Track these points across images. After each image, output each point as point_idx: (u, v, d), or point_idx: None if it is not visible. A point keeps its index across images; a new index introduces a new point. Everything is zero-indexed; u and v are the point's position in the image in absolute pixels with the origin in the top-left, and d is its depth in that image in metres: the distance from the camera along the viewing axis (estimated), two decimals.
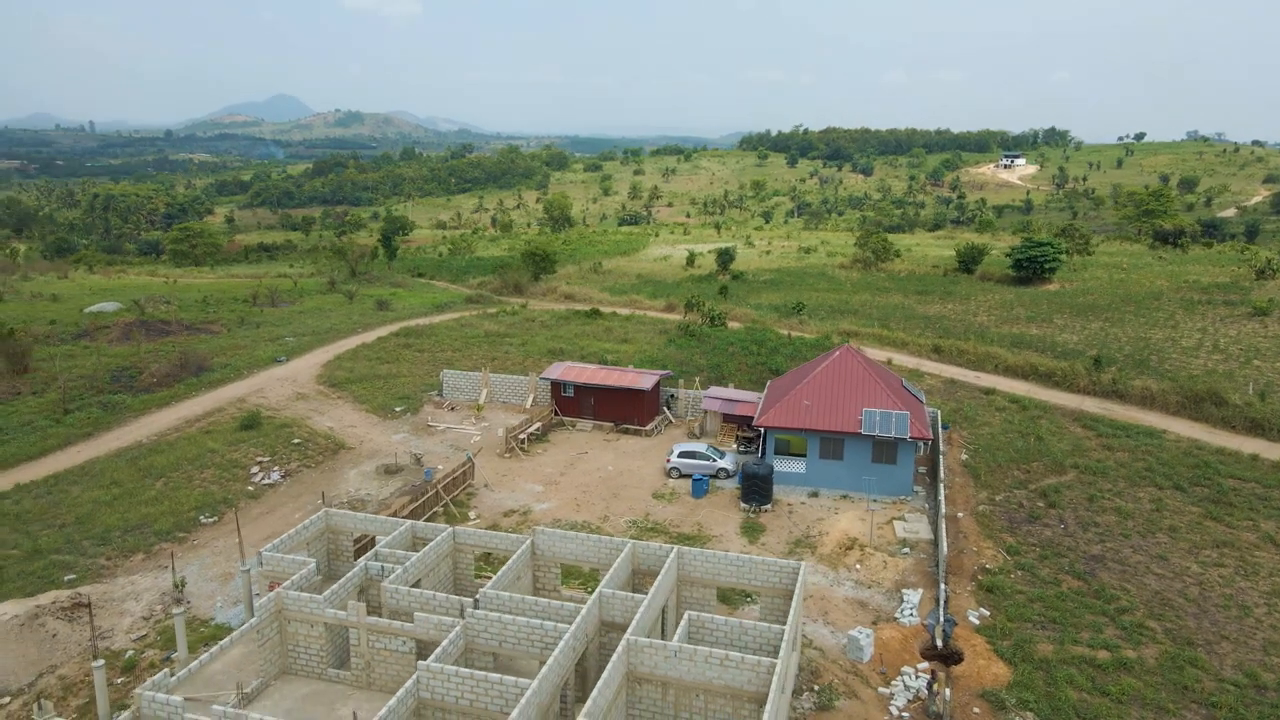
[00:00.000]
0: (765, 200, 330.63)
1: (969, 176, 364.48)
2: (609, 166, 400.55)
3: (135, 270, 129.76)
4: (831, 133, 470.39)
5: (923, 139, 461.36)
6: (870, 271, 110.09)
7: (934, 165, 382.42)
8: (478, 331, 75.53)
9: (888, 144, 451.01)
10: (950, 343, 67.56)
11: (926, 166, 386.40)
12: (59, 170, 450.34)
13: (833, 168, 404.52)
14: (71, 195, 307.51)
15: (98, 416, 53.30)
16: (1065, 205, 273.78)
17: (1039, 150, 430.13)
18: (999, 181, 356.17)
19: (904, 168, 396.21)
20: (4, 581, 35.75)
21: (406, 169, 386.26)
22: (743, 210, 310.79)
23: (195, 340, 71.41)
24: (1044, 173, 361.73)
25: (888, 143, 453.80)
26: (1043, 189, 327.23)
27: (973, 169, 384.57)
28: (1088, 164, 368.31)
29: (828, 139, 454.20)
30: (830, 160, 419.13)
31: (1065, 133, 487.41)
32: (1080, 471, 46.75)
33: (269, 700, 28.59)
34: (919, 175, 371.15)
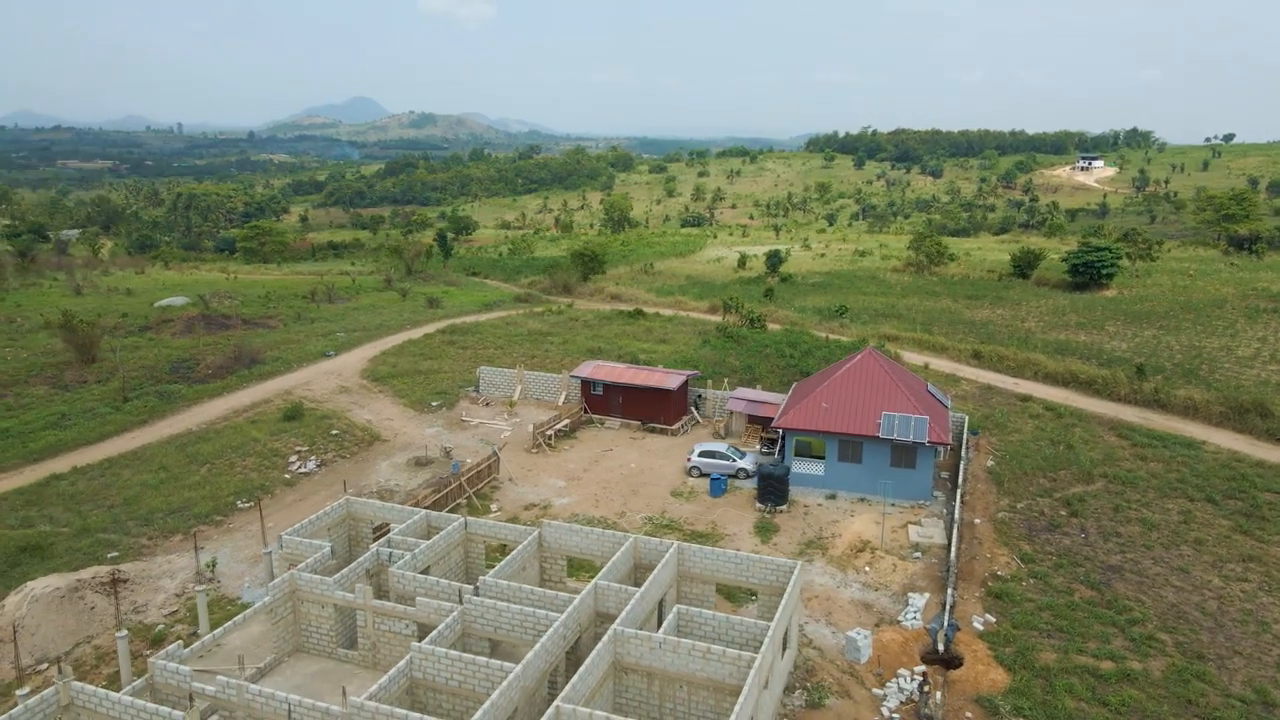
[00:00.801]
0: (830, 203, 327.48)
1: (1043, 179, 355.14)
2: (674, 168, 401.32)
3: (207, 267, 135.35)
4: (901, 134, 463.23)
5: (996, 140, 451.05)
6: (923, 275, 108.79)
7: (1006, 167, 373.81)
8: (521, 330, 77.13)
9: (959, 146, 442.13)
10: (991, 348, 66.70)
11: (999, 169, 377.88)
12: (148, 170, 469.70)
13: (901, 170, 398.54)
14: (157, 194, 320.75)
15: (154, 405, 56.21)
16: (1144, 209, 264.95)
17: (1119, 152, 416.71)
18: (1075, 184, 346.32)
19: (975, 170, 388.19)
20: (53, 557, 38.22)
21: (474, 169, 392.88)
22: (806, 213, 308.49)
23: (252, 334, 74.49)
24: (1123, 175, 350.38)
25: (959, 144, 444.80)
26: (1121, 192, 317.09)
27: (1047, 171, 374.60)
28: (1170, 166, 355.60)
29: (896, 140, 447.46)
30: (899, 162, 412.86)
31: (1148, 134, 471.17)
32: (1109, 481, 45.94)
33: (280, 676, 30.18)
34: (990, 177, 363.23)
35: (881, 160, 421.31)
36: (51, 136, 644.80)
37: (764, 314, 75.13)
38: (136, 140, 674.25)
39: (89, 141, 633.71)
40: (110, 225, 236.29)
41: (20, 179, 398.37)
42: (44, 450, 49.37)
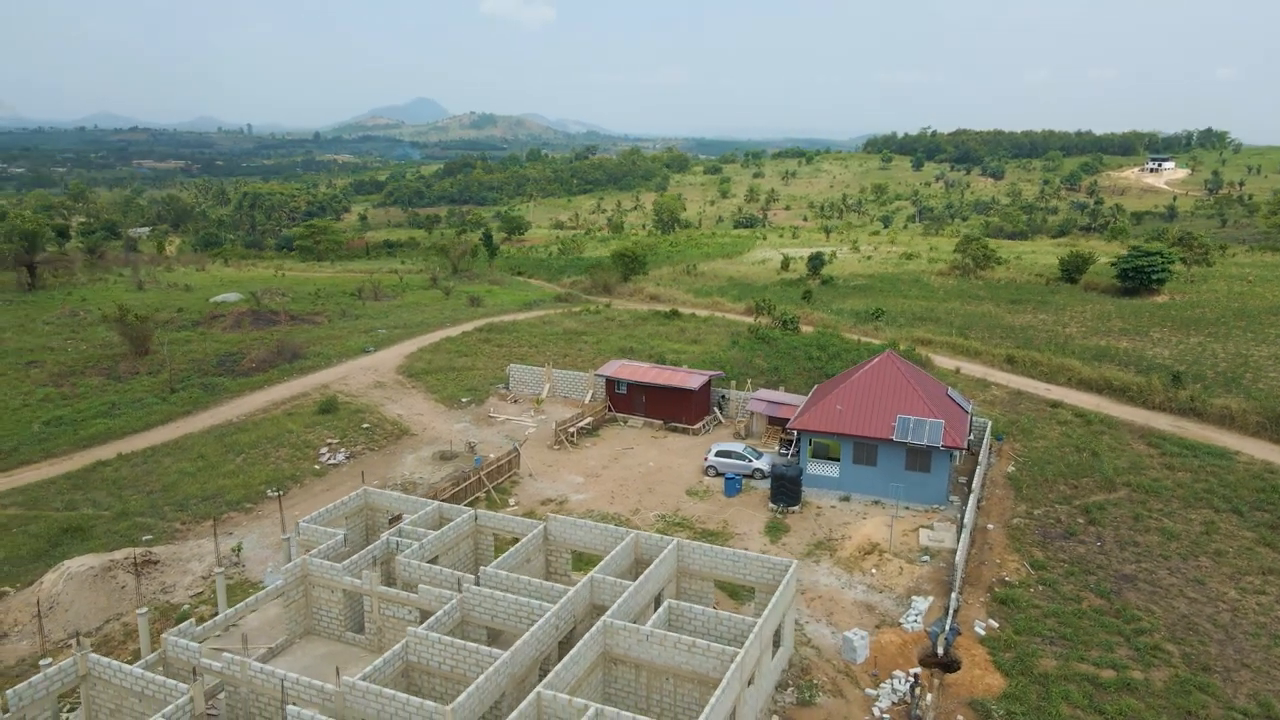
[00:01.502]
0: (886, 205, 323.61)
1: (1109, 181, 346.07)
2: (729, 169, 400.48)
3: (264, 264, 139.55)
4: (961, 135, 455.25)
5: (1060, 141, 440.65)
6: (968, 279, 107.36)
7: (1071, 169, 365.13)
8: (557, 329, 78.33)
9: (1021, 146, 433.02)
10: (1025, 353, 65.86)
11: (1063, 170, 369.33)
12: (218, 170, 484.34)
13: (960, 171, 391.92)
14: (224, 193, 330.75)
15: (198, 396, 58.60)
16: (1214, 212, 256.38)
17: (1191, 153, 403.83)
18: (1143, 186, 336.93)
19: (1038, 172, 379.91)
20: (92, 538, 40.35)
21: (530, 170, 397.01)
22: (861, 214, 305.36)
23: (298, 330, 76.95)
24: (1195, 177, 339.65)
25: (1022, 145, 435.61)
26: (1192, 194, 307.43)
27: (1114, 173, 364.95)
28: (1246, 168, 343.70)
29: (956, 141, 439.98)
30: (958, 164, 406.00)
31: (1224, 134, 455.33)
32: (1132, 489, 45.25)
33: (290, 656, 31.59)
34: (1053, 179, 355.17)
35: (941, 161, 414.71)
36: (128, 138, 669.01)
37: (798, 316, 75.10)
38: (208, 141, 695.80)
39: (164, 142, 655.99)
40: (179, 223, 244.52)
41: (98, 178, 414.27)
42: (93, 437, 51.91)
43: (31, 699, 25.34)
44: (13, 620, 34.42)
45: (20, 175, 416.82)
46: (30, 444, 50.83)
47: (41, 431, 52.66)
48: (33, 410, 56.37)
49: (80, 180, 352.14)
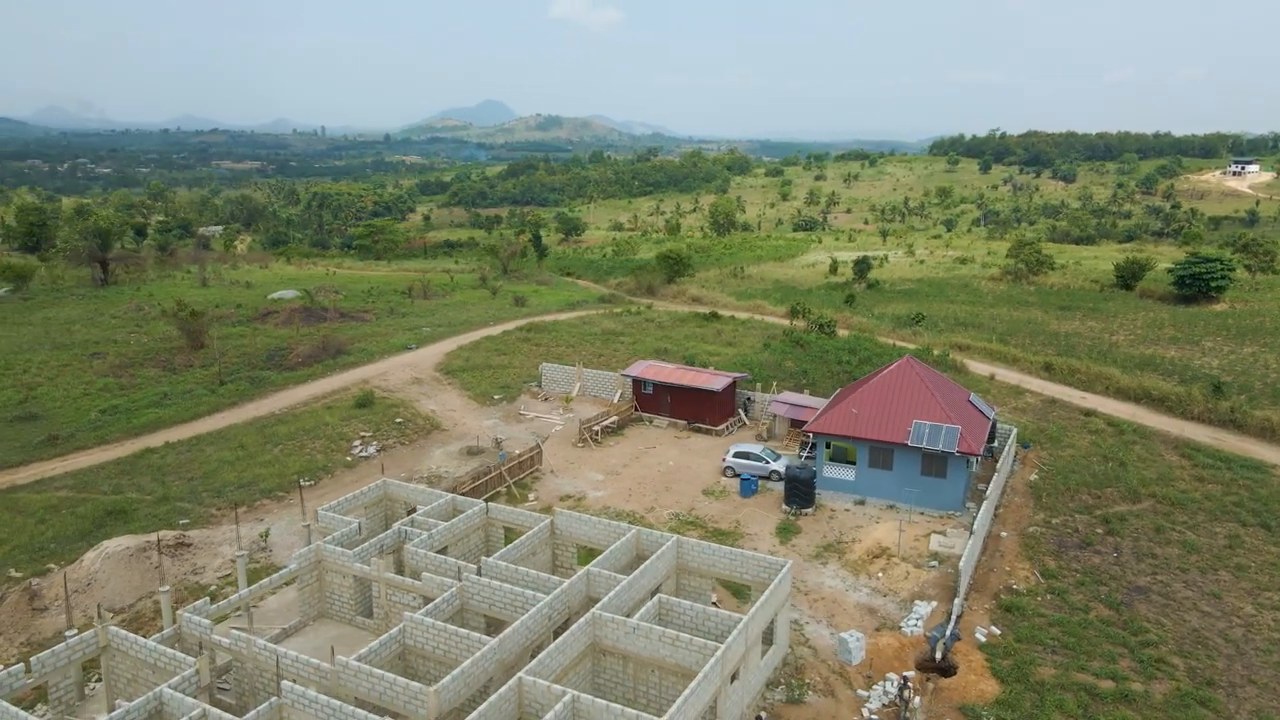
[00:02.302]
0: (950, 208, 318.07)
1: (1188, 184, 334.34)
2: (790, 171, 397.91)
3: (325, 263, 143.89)
4: (1032, 136, 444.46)
5: (1137, 143, 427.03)
6: (1020, 284, 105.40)
7: (1147, 172, 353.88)
8: (596, 329, 79.45)
9: (1095, 149, 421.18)
10: (1063, 361, 64.77)
11: (1138, 173, 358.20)
12: (292, 171, 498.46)
13: (1030, 174, 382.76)
14: (294, 193, 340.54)
15: (244, 389, 61.16)
16: None
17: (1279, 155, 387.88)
18: (1224, 190, 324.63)
19: (1111, 175, 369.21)
20: (134, 520, 42.65)
21: (592, 171, 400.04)
22: (924, 218, 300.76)
23: (346, 327, 79.50)
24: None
25: (1095, 147, 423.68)
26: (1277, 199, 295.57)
27: (1194, 176, 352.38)
28: None
29: (1027, 143, 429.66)
30: (1028, 166, 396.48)
31: None
32: (1158, 501, 44.42)
33: (302, 637, 33.16)
34: (1128, 182, 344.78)
35: (1009, 164, 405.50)
36: (209, 139, 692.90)
37: (835, 320, 74.91)
38: (283, 143, 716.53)
39: (241, 144, 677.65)
40: (250, 222, 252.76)
41: (179, 178, 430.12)
42: (144, 426, 54.64)
43: (54, 666, 27.23)
44: (54, 595, 36.69)
45: (107, 175, 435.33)
46: (86, 430, 53.75)
47: (98, 419, 55.60)
48: (92, 399, 59.50)
49: (161, 180, 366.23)
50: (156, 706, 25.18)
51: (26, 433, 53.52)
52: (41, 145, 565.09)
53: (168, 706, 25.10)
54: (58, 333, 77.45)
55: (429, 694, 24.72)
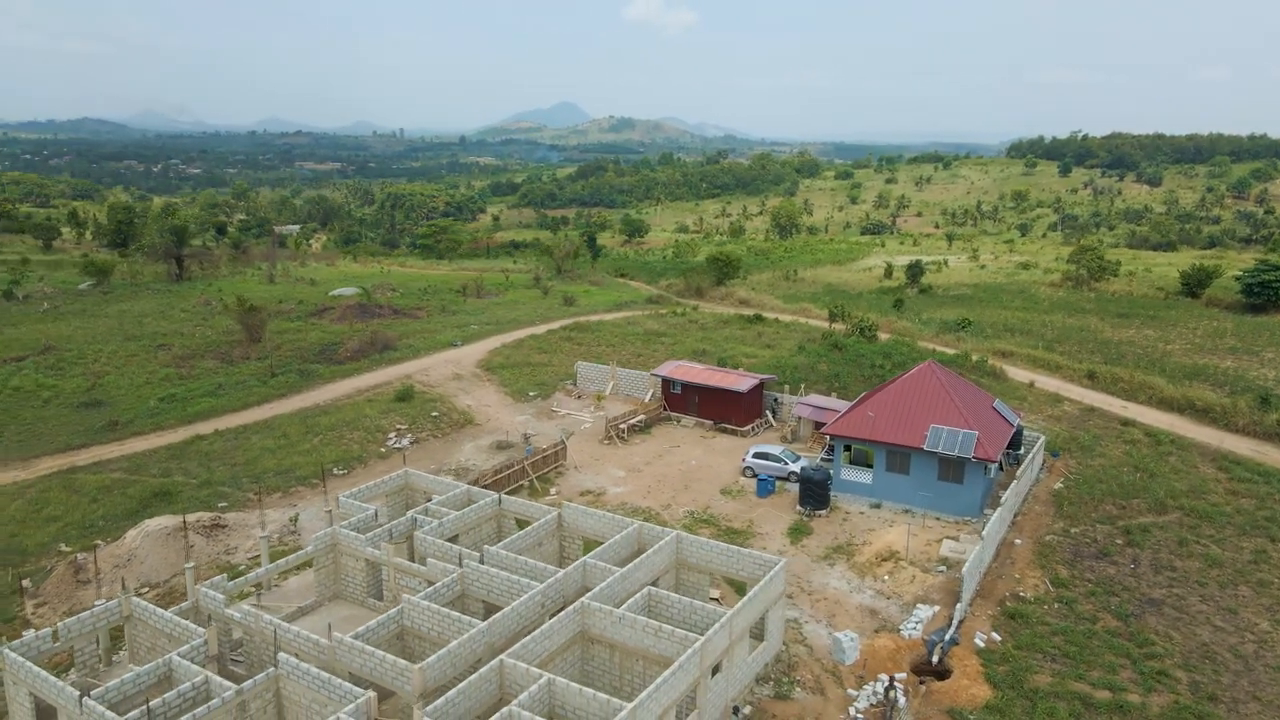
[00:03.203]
0: (1025, 212, 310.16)
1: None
2: (861, 174, 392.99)
3: (388, 261, 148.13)
4: (1116, 138, 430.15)
5: (1230, 145, 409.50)
6: (1080, 290, 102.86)
7: (1240, 175, 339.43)
8: (638, 329, 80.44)
9: (1184, 151, 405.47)
10: (1107, 369, 63.35)
11: (1230, 177, 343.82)
12: (370, 172, 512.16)
13: (1112, 177, 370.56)
14: (369, 194, 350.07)
15: (294, 381, 63.85)
16: None
17: None
18: None
19: (1201, 178, 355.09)
20: (177, 502, 45.18)
21: (660, 173, 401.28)
22: (997, 221, 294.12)
23: (397, 323, 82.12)
24: None
25: (1184, 150, 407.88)
26: None
27: None
28: None
29: (1110, 145, 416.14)
30: (1110, 169, 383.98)
31: None
32: (1185, 513, 43.39)
33: (315, 616, 34.85)
34: (1218, 186, 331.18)
35: (1091, 167, 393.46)
36: (293, 141, 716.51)
37: (877, 324, 74.46)
38: (363, 144, 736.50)
39: (324, 145, 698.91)
40: (326, 221, 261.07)
41: (263, 179, 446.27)
42: (197, 414, 57.56)
43: (79, 632, 29.37)
44: (97, 569, 39.23)
45: (196, 176, 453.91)
46: (144, 417, 56.91)
47: (156, 407, 58.78)
48: (153, 388, 62.87)
49: (245, 181, 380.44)
50: (166, 672, 27.01)
51: (90, 418, 56.91)
52: (138, 147, 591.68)
53: (176, 672, 26.90)
54: (130, 325, 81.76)
55: (414, 671, 26.00)
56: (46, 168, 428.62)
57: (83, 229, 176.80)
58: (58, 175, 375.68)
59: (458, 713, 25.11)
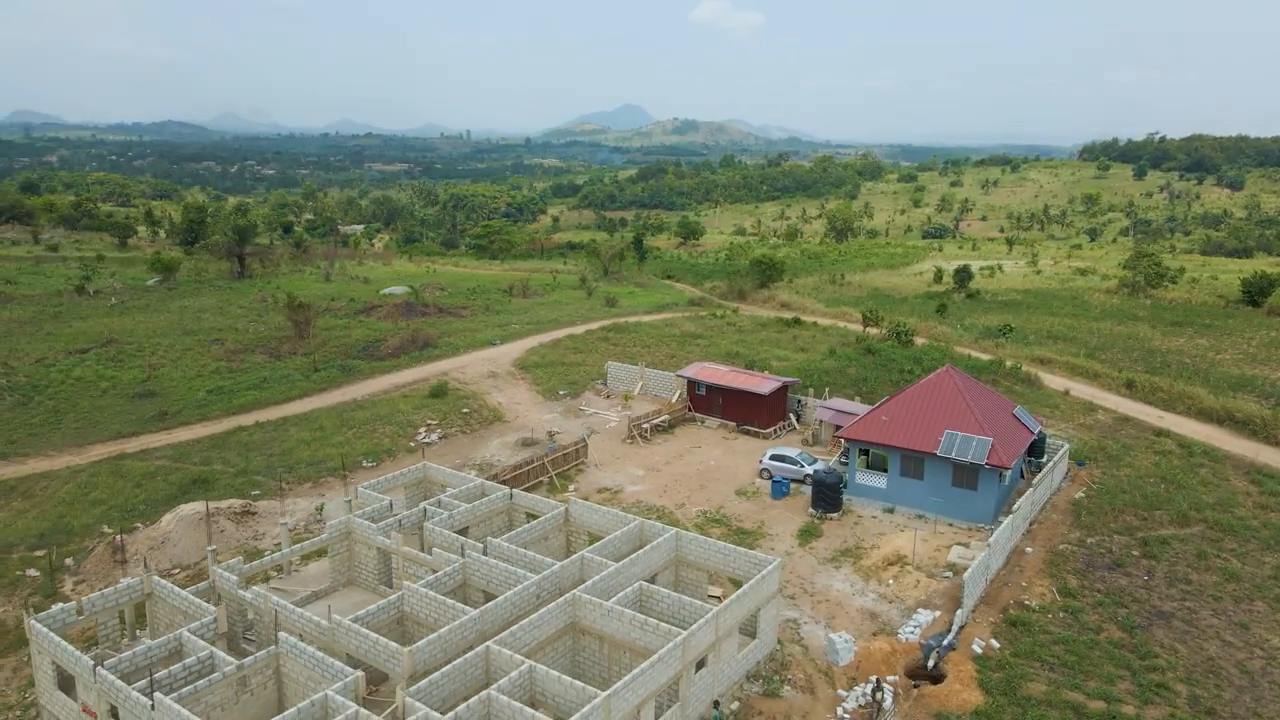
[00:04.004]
0: (1095, 216, 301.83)
1: None
2: (925, 177, 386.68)
3: (444, 261, 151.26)
4: (1196, 140, 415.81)
5: None
6: (1135, 297, 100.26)
7: None
8: (675, 331, 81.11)
9: (1269, 154, 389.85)
10: (1146, 378, 61.94)
11: None
12: (436, 173, 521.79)
13: (1190, 181, 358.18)
14: (433, 194, 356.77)
15: (335, 376, 66.11)
16: None
17: None
18: None
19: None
20: (213, 489, 47.37)
21: (720, 176, 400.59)
22: (1065, 226, 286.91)
23: (441, 321, 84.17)
24: None
25: (1269, 153, 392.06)
26: None
27: None
28: None
29: (1189, 148, 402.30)
30: (1188, 173, 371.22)
31: None
32: (1208, 526, 42.47)
33: (329, 600, 36.30)
34: None
35: (1168, 170, 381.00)
36: (363, 143, 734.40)
37: (914, 328, 73.86)
38: (430, 146, 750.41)
39: (393, 147, 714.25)
40: (390, 221, 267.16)
41: (333, 179, 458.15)
42: (241, 406, 60.07)
43: (102, 607, 31.29)
44: (134, 550, 41.48)
45: (270, 176, 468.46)
46: (192, 408, 59.62)
47: (203, 399, 61.50)
48: (204, 380, 65.72)
49: (315, 181, 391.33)
50: (176, 646, 28.69)
51: (143, 408, 59.84)
52: (216, 148, 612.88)
53: (185, 646, 28.56)
54: (189, 320, 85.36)
55: (404, 654, 27.18)
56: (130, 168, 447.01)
57: (157, 227, 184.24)
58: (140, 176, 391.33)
59: (442, 695, 26.20)
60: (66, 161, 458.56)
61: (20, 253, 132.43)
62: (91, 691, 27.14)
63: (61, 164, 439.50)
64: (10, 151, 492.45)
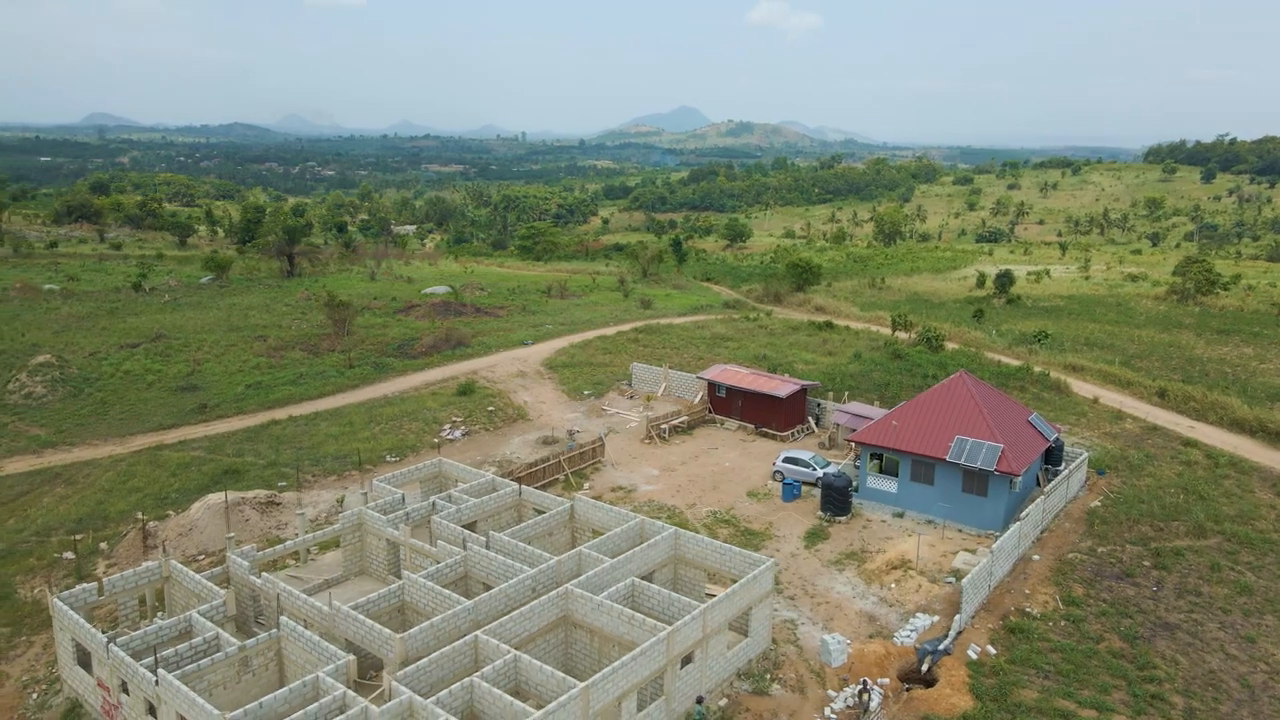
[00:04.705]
0: (1159, 220, 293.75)
1: None
2: (981, 179, 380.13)
3: (489, 262, 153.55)
4: (1269, 142, 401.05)
5: None
6: (1185, 304, 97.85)
7: None
8: (706, 334, 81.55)
9: None
10: (1179, 387, 60.68)
11: None
12: (491, 174, 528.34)
13: (1262, 184, 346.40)
14: (485, 196, 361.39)
15: (368, 373, 67.95)
16: None
17: None
18: None
19: None
20: (244, 479, 49.25)
21: (772, 178, 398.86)
22: (1126, 231, 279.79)
23: (477, 321, 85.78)
24: None
25: None
26: None
27: None
28: None
29: (1261, 150, 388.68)
30: (1261, 175, 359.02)
31: None
32: (1226, 538, 41.71)
33: (340, 588, 37.69)
34: None
35: (1238, 172, 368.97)
36: (421, 144, 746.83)
37: (944, 334, 73.25)
38: (486, 147, 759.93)
39: (450, 148, 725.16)
40: (442, 221, 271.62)
41: (390, 180, 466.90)
42: (276, 401, 62.10)
43: (122, 588, 32.98)
44: (163, 536, 43.40)
45: (330, 177, 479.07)
46: (230, 402, 61.83)
47: (242, 393, 63.72)
48: (244, 375, 68.03)
49: (371, 182, 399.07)
50: (186, 626, 30.21)
51: (184, 401, 62.23)
52: (280, 150, 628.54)
53: (194, 627, 30.05)
54: (236, 317, 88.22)
55: (396, 640, 28.27)
56: (197, 169, 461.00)
57: (217, 226, 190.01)
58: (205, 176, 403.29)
59: (430, 680, 27.21)
60: (137, 163, 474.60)
61: (86, 250, 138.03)
62: (105, 667, 28.77)
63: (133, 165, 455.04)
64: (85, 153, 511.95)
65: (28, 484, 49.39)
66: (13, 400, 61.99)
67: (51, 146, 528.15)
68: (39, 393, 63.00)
